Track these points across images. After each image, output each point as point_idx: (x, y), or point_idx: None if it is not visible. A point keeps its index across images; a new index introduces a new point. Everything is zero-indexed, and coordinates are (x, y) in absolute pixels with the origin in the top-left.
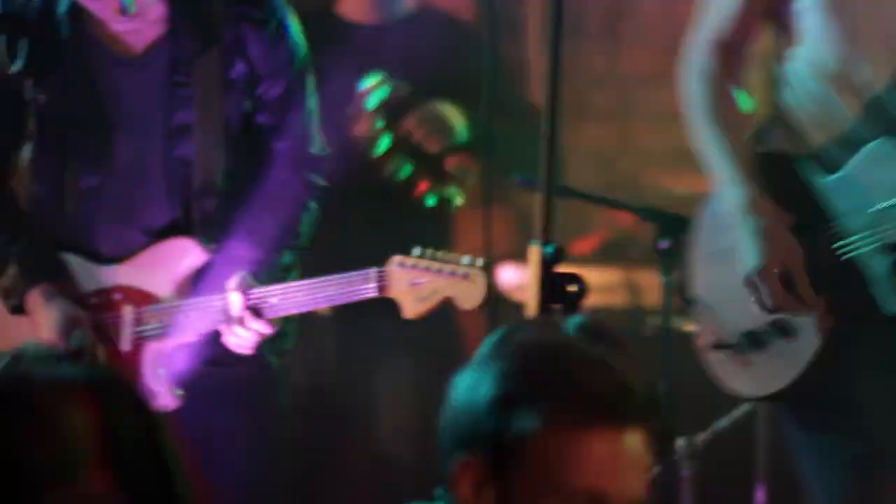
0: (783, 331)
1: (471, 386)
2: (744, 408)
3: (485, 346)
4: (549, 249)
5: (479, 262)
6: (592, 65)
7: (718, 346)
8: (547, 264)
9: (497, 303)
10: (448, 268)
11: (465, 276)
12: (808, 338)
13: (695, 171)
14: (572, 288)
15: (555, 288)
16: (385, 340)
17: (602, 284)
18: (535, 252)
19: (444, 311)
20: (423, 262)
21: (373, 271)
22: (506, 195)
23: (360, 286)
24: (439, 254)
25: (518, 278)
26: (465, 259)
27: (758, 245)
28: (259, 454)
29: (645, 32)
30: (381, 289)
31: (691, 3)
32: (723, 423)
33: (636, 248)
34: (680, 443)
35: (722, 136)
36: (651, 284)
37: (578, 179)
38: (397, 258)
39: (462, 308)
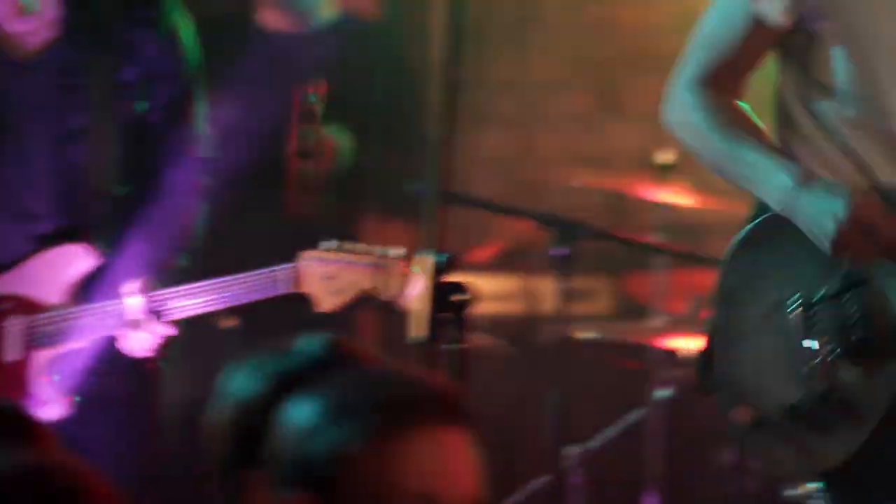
0: (836, 404)
1: (290, 418)
2: (634, 415)
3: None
4: (441, 259)
5: (398, 251)
6: (497, 71)
7: (759, 425)
8: (437, 273)
9: (393, 312)
10: (364, 259)
11: (383, 267)
12: (867, 409)
13: (595, 176)
14: (459, 297)
15: (443, 297)
16: None
17: (500, 292)
18: (425, 262)
19: (346, 322)
20: (336, 255)
21: (281, 267)
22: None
23: (269, 282)
24: (355, 245)
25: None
26: (381, 249)
27: (830, 202)
28: (135, 469)
29: (551, 39)
30: (292, 284)
31: (597, 10)
32: (613, 430)
33: (535, 255)
34: (572, 450)
35: (743, 138)
36: (549, 292)
37: (481, 187)
38: (307, 252)
39: (383, 299)
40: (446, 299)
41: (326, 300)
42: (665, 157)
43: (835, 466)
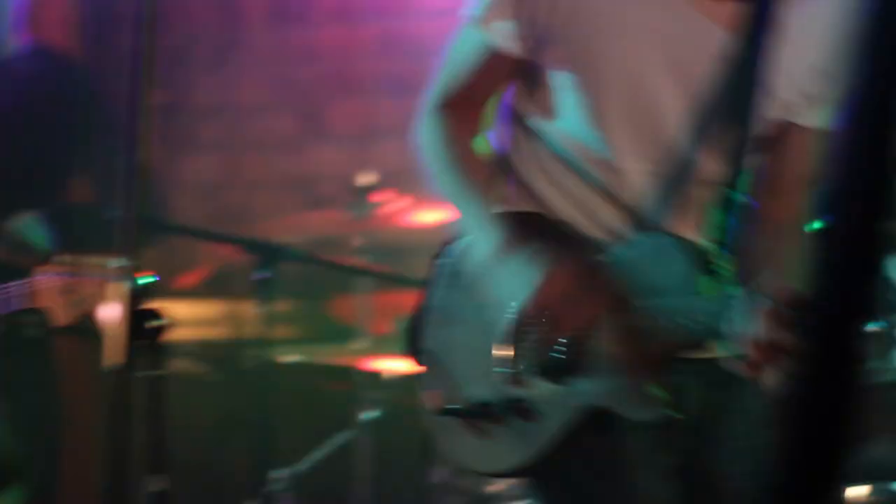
0: (522, 411)
1: None
2: (341, 437)
3: None
4: (136, 285)
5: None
6: (201, 95)
7: (450, 411)
8: (133, 300)
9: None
10: (100, 271)
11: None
12: (549, 420)
13: (302, 199)
14: (154, 323)
15: (139, 324)
16: None
17: (205, 317)
18: (119, 288)
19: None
20: (71, 268)
21: (14, 283)
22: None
23: (2, 300)
24: (90, 258)
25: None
26: (116, 261)
27: (523, 277)
28: None
29: (254, 62)
30: (29, 299)
31: (299, 33)
32: (321, 452)
33: (240, 279)
34: (280, 474)
35: (467, 182)
36: (253, 316)
37: (186, 212)
38: (42, 266)
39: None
40: (142, 326)
41: (65, 314)
42: (367, 178)
43: (512, 469)
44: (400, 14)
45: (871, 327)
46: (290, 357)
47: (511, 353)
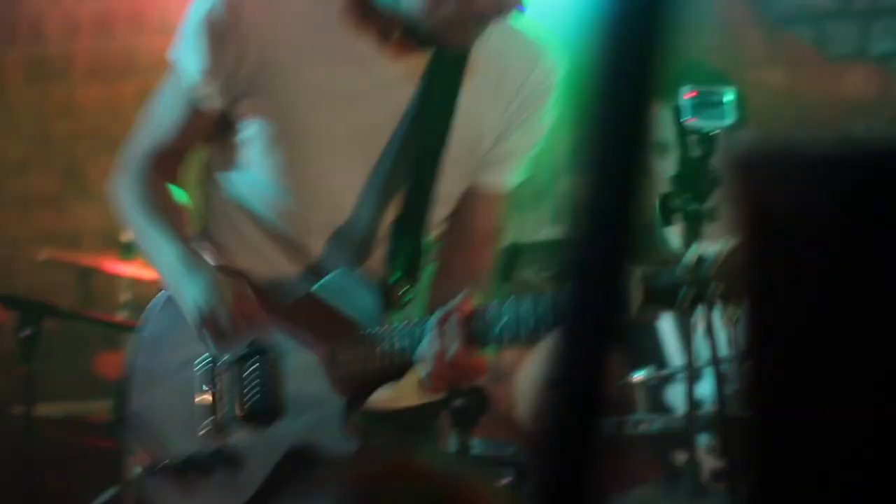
0: (227, 459)
1: None
2: (107, 494)
3: None
4: None
5: None
6: None
7: (155, 470)
8: None
9: None
10: None
11: None
12: (255, 466)
13: (62, 255)
14: None
15: None
16: None
17: None
18: None
19: None
20: None
21: None
22: None
23: None
24: None
25: None
26: None
27: (197, 291)
28: None
29: (14, 119)
30: None
31: (58, 89)
32: None
33: (2, 337)
34: None
35: (159, 223)
36: (18, 373)
37: None
38: None
39: None
40: None
41: None
42: (130, 235)
43: None
44: (157, 69)
45: (636, 376)
46: (56, 414)
47: (211, 402)
